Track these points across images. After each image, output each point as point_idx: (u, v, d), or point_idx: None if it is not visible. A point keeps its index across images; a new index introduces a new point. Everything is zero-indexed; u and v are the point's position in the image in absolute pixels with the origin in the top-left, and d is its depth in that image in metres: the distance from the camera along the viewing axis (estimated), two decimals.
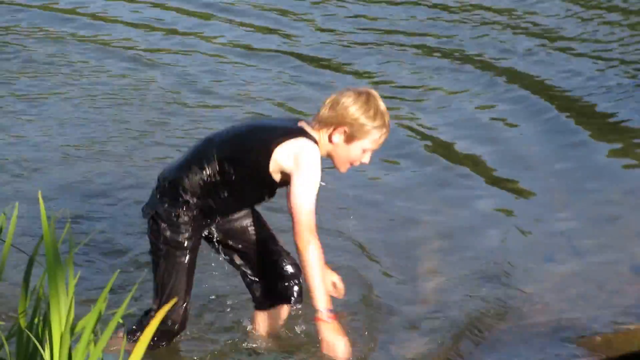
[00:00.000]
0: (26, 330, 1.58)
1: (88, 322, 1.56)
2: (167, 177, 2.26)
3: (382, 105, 2.15)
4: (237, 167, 2.18)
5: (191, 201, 2.20)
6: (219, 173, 2.19)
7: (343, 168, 2.23)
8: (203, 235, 2.33)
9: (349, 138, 2.13)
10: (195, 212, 2.22)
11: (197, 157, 2.23)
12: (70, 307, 1.57)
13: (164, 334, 2.20)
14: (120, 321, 1.60)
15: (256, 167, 2.15)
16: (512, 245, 3.87)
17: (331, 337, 2.12)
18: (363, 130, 2.10)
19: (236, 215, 2.39)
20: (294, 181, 2.06)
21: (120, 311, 1.53)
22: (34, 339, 1.55)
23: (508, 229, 4.04)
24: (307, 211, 2.06)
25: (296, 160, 2.07)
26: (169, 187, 2.24)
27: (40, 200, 1.51)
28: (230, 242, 2.41)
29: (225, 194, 2.23)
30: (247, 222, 2.41)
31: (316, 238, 2.09)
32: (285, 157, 2.08)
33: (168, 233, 2.22)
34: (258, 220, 2.43)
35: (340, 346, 2.13)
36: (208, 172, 2.19)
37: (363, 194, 4.33)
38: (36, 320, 1.61)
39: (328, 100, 2.17)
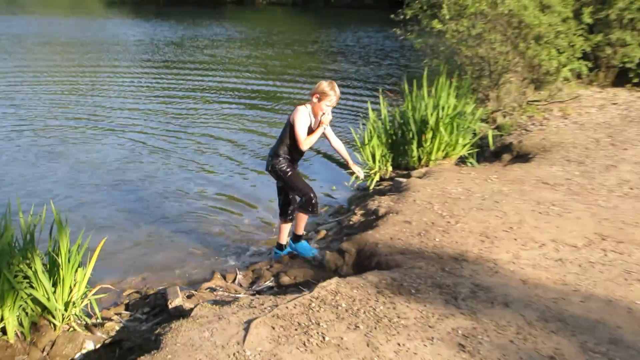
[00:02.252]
0: (51, 252, 3.09)
1: (75, 247, 3.12)
2: (272, 150, 3.90)
3: (336, 86, 3.73)
4: (288, 135, 3.80)
5: (283, 156, 3.86)
6: (288, 141, 3.82)
7: (320, 114, 3.76)
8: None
9: (319, 99, 3.72)
10: (287, 160, 3.87)
11: (279, 139, 3.89)
12: (67, 241, 3.03)
13: (314, 205, 3.87)
14: (86, 245, 3.13)
15: (291, 130, 3.77)
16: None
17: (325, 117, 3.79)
18: (325, 95, 3.71)
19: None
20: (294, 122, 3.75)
21: (87, 241, 3.14)
22: (53, 254, 3.03)
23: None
24: (300, 135, 3.72)
25: (293, 115, 3.78)
26: (274, 154, 3.87)
27: (52, 206, 3.24)
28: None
29: (291, 149, 3.84)
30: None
31: (304, 142, 3.74)
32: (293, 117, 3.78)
33: (283, 168, 3.84)
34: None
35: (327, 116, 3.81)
36: (285, 143, 3.84)
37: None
38: (54, 247, 3.09)
39: (315, 85, 3.78)
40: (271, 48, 16.58)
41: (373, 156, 5.79)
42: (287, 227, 4.22)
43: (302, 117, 3.75)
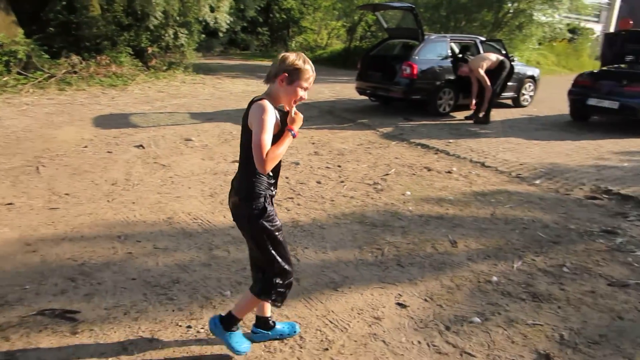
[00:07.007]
0: None
1: None
2: (237, 182, 2.03)
3: (308, 59, 1.93)
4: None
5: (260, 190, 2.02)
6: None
7: (289, 107, 1.90)
8: None
9: (291, 80, 1.87)
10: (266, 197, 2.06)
11: (242, 161, 1.98)
12: None
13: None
14: None
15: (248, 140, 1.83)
16: None
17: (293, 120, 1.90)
18: (300, 71, 1.87)
19: None
20: (253, 130, 1.80)
21: None
22: None
23: None
24: (264, 144, 1.77)
25: (252, 118, 1.82)
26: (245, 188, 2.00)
27: None
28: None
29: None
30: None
31: (268, 156, 1.79)
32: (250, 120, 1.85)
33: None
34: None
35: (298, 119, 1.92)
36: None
37: None
38: None
39: (274, 61, 1.93)
40: None
41: None
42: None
43: (268, 116, 1.83)
